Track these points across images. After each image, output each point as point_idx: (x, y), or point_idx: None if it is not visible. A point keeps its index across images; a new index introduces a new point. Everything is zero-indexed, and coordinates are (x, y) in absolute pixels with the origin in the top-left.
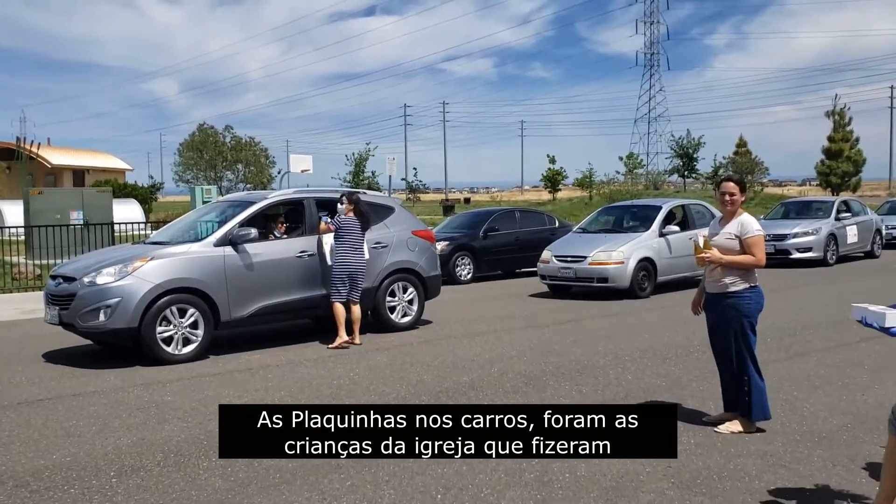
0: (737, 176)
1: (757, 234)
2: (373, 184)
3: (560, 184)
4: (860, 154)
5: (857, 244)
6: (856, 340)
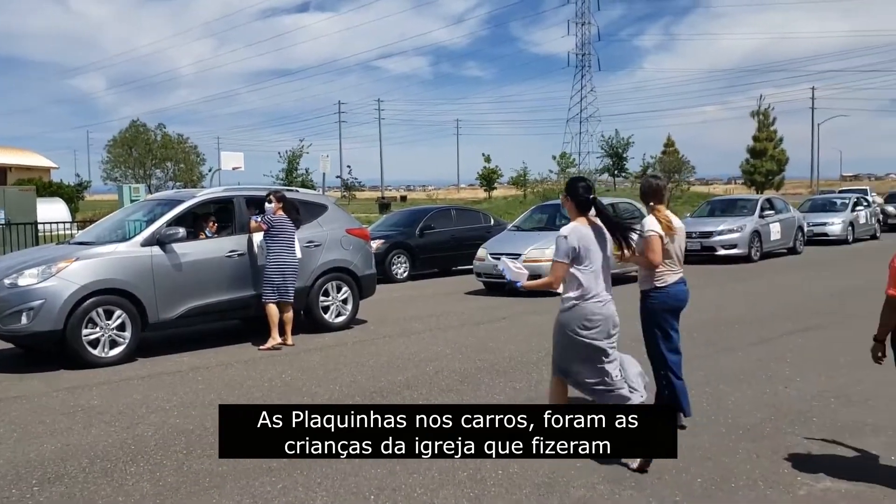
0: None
1: (649, 234)
2: (306, 181)
3: (495, 182)
4: (783, 153)
5: (781, 241)
6: (778, 335)
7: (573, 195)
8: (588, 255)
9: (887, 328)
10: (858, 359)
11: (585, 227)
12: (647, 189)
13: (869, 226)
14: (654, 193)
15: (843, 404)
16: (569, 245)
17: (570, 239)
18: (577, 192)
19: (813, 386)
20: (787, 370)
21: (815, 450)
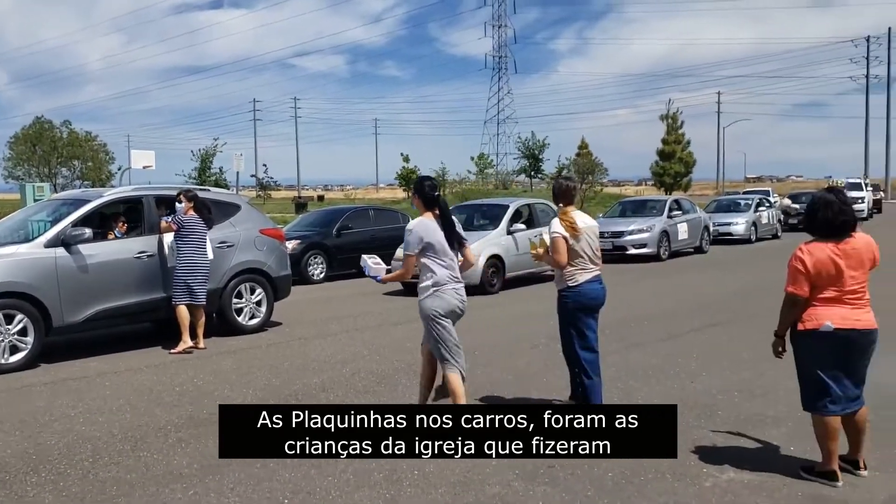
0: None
1: (553, 235)
2: (220, 181)
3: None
4: (691, 156)
5: (688, 240)
6: (685, 331)
7: (420, 193)
8: (436, 246)
9: (787, 324)
10: (761, 354)
11: (432, 221)
12: (557, 190)
13: (771, 226)
14: (563, 194)
15: (747, 398)
16: (415, 237)
17: (415, 232)
18: (424, 190)
19: (718, 380)
20: (694, 365)
21: (720, 442)
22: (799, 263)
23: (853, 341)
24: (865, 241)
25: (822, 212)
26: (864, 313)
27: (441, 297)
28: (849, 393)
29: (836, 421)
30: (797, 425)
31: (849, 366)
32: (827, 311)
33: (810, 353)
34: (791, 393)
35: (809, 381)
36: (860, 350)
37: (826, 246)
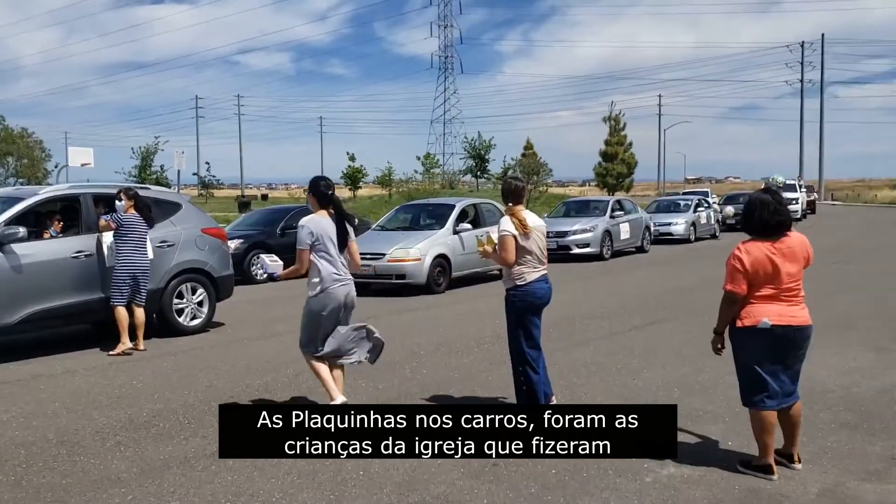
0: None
1: (502, 234)
2: (161, 179)
3: (360, 181)
4: (633, 157)
5: (630, 240)
6: (627, 329)
7: (314, 191)
8: (326, 243)
9: (725, 321)
10: (700, 350)
11: (325, 218)
12: (506, 189)
13: (710, 226)
14: (512, 194)
15: (686, 394)
16: (306, 233)
17: (307, 228)
18: (318, 189)
19: (659, 377)
20: (635, 362)
21: None
22: (737, 262)
23: (789, 337)
24: (800, 241)
25: (759, 212)
26: (799, 310)
27: (327, 295)
28: (785, 388)
29: (773, 416)
30: (735, 420)
31: (785, 361)
32: (764, 308)
33: (748, 350)
34: (729, 388)
35: (747, 376)
36: (796, 346)
37: (763, 245)
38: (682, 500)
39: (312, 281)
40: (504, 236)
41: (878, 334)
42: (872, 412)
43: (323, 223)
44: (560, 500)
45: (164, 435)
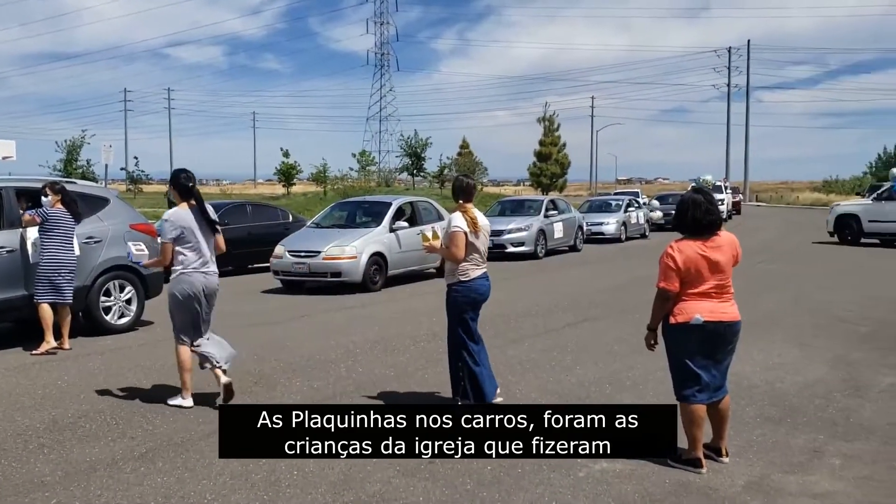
0: (455, 178)
1: (452, 230)
2: (87, 173)
3: (294, 178)
4: (566, 157)
5: (563, 239)
6: (561, 326)
7: (175, 184)
8: (189, 234)
9: (659, 317)
10: (631, 347)
11: (186, 211)
12: (458, 187)
13: (640, 225)
14: (464, 191)
15: (618, 389)
16: (169, 226)
17: (170, 221)
18: (180, 182)
19: (591, 373)
20: (569, 359)
21: None
22: (670, 260)
23: (720, 333)
24: (729, 239)
25: (692, 211)
26: (729, 306)
27: (186, 281)
28: (715, 382)
29: (703, 409)
30: None
31: (716, 356)
32: (696, 304)
33: (681, 345)
34: (659, 384)
35: (680, 371)
36: (726, 341)
37: (695, 244)
38: (615, 494)
39: (174, 269)
40: (455, 232)
41: (800, 331)
42: (796, 407)
43: (186, 216)
44: (496, 496)
45: (91, 436)
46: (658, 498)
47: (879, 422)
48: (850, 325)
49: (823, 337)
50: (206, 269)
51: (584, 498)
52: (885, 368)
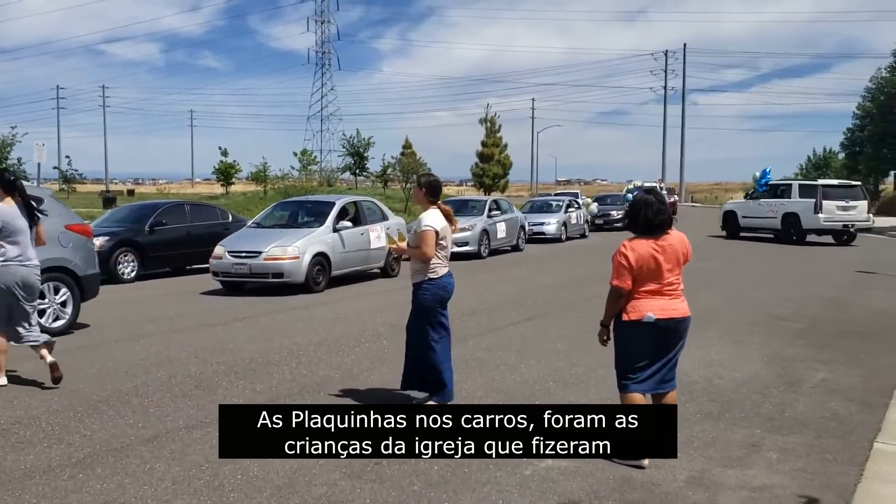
0: (423, 178)
1: (425, 228)
2: (18, 172)
3: (234, 177)
4: (508, 158)
5: (506, 239)
6: (505, 325)
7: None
8: (10, 228)
9: (611, 314)
10: (573, 344)
11: (11, 206)
12: (436, 186)
13: (579, 225)
14: (436, 191)
15: (561, 387)
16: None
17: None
18: (3, 178)
19: (535, 371)
20: (513, 357)
21: None
22: (623, 259)
23: (672, 329)
24: (679, 238)
25: (644, 211)
26: (679, 303)
27: (5, 272)
28: (665, 375)
29: (640, 399)
30: None
31: (667, 351)
32: (648, 302)
33: (632, 341)
34: (601, 381)
35: (625, 364)
36: (677, 336)
37: (647, 242)
38: (560, 492)
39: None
40: (427, 231)
41: (736, 328)
42: (733, 402)
43: (9, 211)
44: (443, 496)
45: (25, 443)
46: (602, 494)
47: (813, 416)
48: (785, 322)
49: (759, 333)
50: (27, 262)
51: (530, 496)
52: (818, 364)
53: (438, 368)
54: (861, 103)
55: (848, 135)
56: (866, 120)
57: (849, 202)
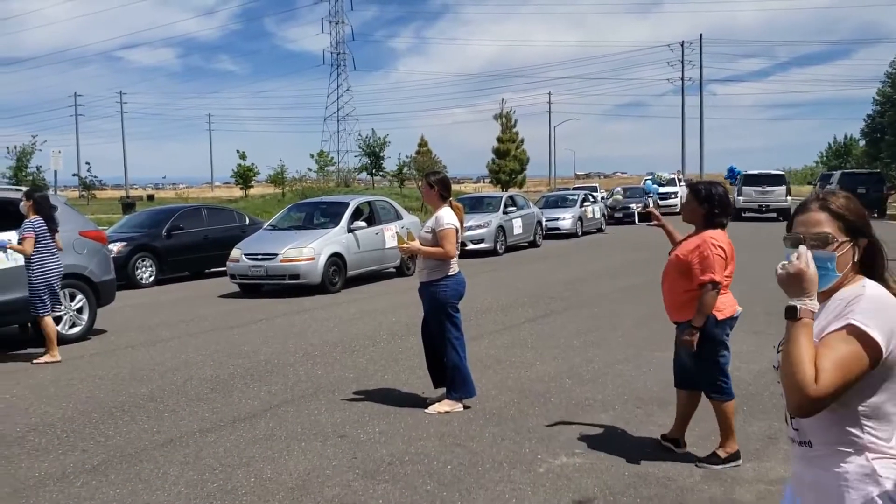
0: (433, 175)
1: (446, 227)
2: (38, 180)
3: (252, 180)
4: (524, 153)
5: (522, 235)
6: (521, 322)
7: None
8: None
9: (708, 313)
10: (589, 341)
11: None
12: (446, 184)
13: (596, 220)
14: (449, 188)
15: (577, 384)
16: None
17: None
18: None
19: (551, 368)
20: (529, 354)
21: (554, 428)
22: (720, 251)
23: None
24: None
25: (728, 202)
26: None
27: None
28: None
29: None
30: (624, 409)
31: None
32: (730, 297)
33: (721, 341)
34: (617, 377)
35: (719, 367)
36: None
37: (724, 234)
38: (574, 489)
39: None
40: (449, 229)
41: (755, 320)
42: (752, 394)
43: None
44: (456, 496)
45: (40, 450)
46: (618, 490)
47: None
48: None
49: (778, 324)
50: None
51: (544, 493)
52: None
53: (459, 365)
54: (881, 89)
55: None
56: (887, 106)
57: (765, 188)
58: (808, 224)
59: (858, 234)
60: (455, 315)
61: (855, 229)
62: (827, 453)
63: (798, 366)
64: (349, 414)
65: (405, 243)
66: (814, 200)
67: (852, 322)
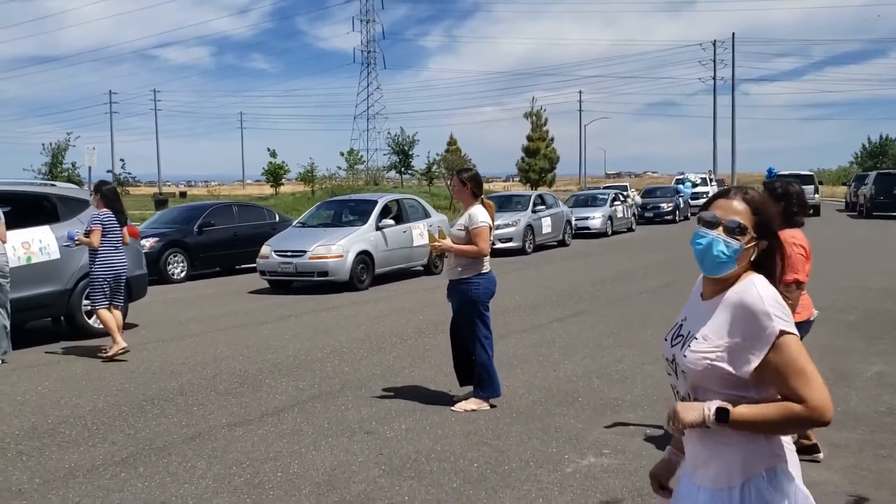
0: (465, 173)
1: (481, 225)
2: (73, 176)
3: (282, 178)
4: (554, 152)
5: (551, 234)
6: (549, 321)
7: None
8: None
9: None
10: (618, 340)
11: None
12: (477, 181)
13: (626, 219)
14: (481, 186)
15: (606, 383)
16: None
17: None
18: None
19: (579, 367)
20: (557, 354)
21: (581, 428)
22: (801, 249)
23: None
24: None
25: (804, 199)
26: None
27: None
28: None
29: None
30: (652, 409)
31: None
32: (806, 299)
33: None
34: (647, 378)
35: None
36: None
37: (801, 232)
38: (602, 490)
39: None
40: (483, 227)
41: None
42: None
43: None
44: (482, 494)
45: (70, 442)
46: (646, 492)
47: (866, 410)
48: (836, 313)
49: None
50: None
51: (571, 493)
52: (871, 357)
53: (487, 364)
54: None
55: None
56: None
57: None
58: (728, 210)
59: (765, 235)
60: (485, 313)
61: (765, 229)
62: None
63: (785, 422)
64: (376, 410)
65: (437, 241)
66: (738, 191)
67: (781, 328)
